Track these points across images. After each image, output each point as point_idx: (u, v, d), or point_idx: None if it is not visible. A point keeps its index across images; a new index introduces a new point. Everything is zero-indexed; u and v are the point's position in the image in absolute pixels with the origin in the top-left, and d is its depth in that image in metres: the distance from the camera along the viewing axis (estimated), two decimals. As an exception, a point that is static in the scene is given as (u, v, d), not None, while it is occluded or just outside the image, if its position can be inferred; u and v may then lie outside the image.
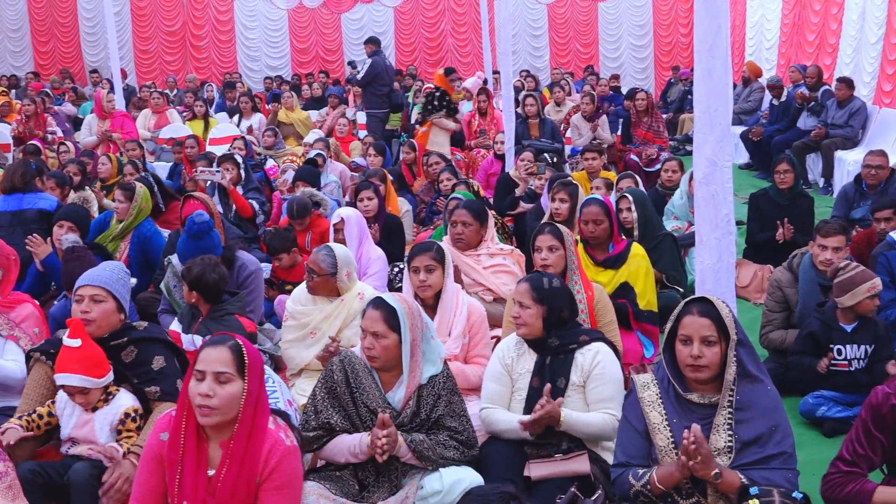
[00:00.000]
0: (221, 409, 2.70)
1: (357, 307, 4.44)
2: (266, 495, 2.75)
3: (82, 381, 3.30)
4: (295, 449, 2.83)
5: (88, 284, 3.57)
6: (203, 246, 4.86)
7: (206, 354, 2.75)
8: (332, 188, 7.92)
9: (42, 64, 18.93)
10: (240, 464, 2.73)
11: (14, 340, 4.04)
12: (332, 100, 12.83)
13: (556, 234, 4.36)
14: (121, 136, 9.99)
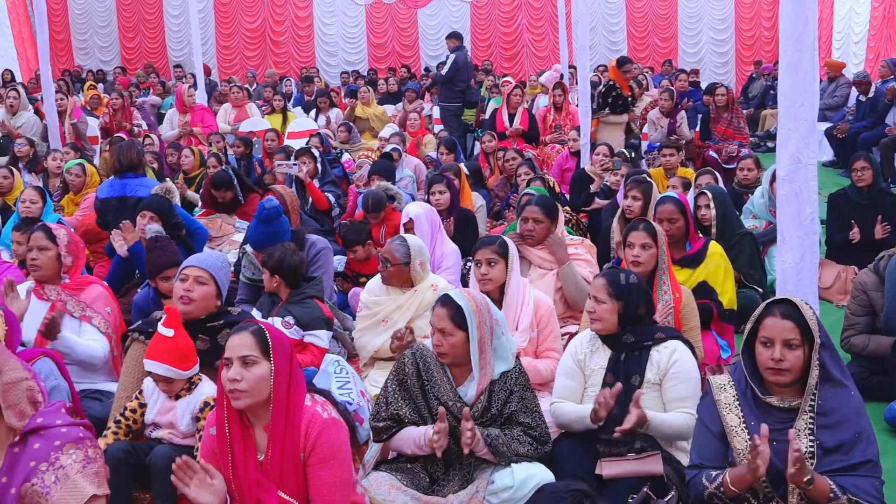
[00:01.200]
0: (251, 390, 2.75)
1: (430, 298, 4.48)
2: (313, 470, 2.79)
3: (167, 371, 3.39)
4: (334, 421, 2.84)
5: (195, 265, 3.69)
6: (273, 230, 4.96)
7: (231, 342, 2.82)
8: (407, 182, 7.97)
9: (128, 59, 19.54)
10: (282, 443, 2.78)
11: (87, 321, 4.20)
12: (409, 94, 12.90)
13: (651, 231, 4.22)
14: (201, 129, 10.24)
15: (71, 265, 4.33)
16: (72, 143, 9.63)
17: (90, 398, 4.07)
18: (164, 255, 4.62)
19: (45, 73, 9.16)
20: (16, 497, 2.44)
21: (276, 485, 2.78)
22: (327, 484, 2.79)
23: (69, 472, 2.47)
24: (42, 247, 4.26)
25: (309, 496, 2.81)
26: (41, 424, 2.53)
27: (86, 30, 19.73)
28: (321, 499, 2.78)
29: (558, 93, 10.55)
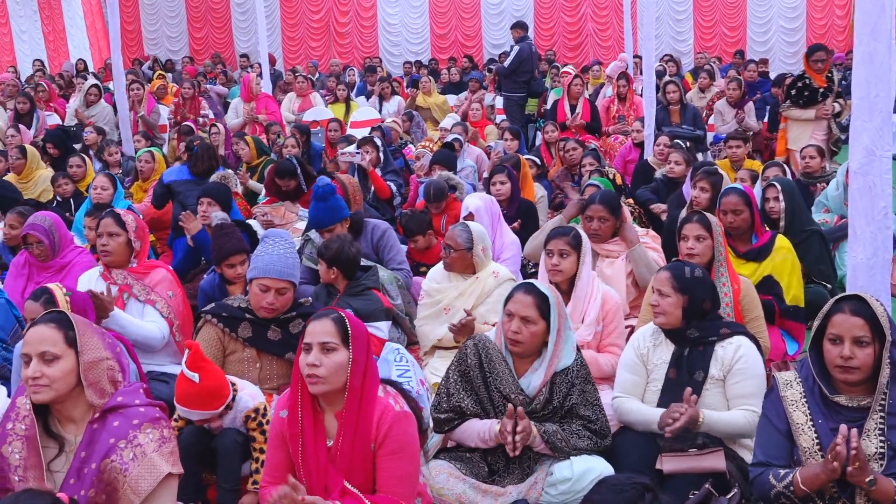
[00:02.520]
0: (328, 377, 2.77)
1: (491, 285, 4.49)
2: (382, 461, 2.81)
3: (200, 416, 3.38)
4: (405, 414, 2.86)
5: (276, 278, 3.74)
6: (330, 206, 5.07)
7: (312, 327, 2.83)
8: (468, 172, 7.97)
9: (196, 49, 19.91)
10: (353, 432, 2.80)
11: (151, 304, 4.30)
12: (473, 84, 12.89)
13: (704, 223, 4.22)
14: (266, 117, 10.38)
15: (139, 250, 4.45)
16: (143, 131, 9.87)
17: (156, 380, 4.16)
18: (230, 243, 4.70)
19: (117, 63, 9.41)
20: (95, 472, 2.52)
21: (344, 473, 2.80)
22: (396, 476, 2.81)
23: (146, 451, 2.55)
24: (112, 233, 4.37)
25: (376, 486, 2.82)
26: (121, 403, 2.61)
27: (155, 20, 20.16)
28: (388, 490, 2.80)
29: (622, 83, 10.42)
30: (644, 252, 4.80)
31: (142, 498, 2.54)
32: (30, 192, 7.96)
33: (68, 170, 7.88)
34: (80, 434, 2.61)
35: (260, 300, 3.73)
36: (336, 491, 2.77)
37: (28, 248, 4.94)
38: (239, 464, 3.45)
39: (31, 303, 3.59)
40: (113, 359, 2.68)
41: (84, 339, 2.63)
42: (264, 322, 3.82)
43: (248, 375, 3.74)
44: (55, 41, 17.70)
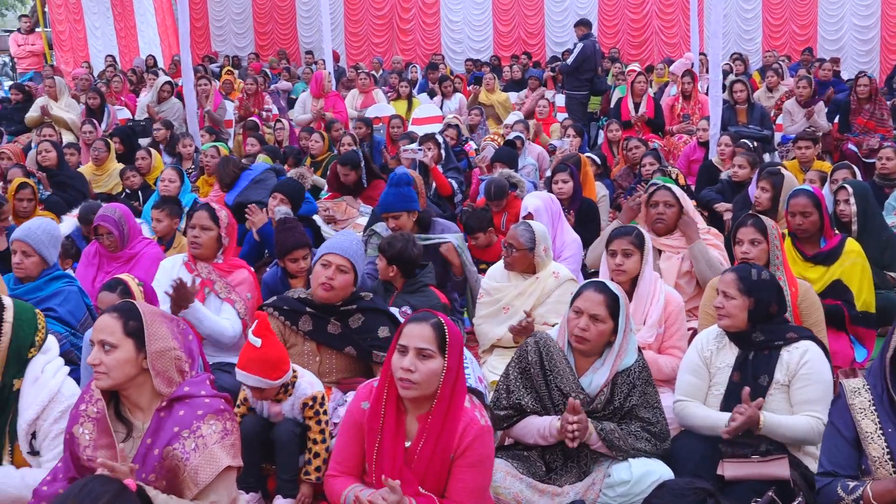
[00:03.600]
0: (422, 384, 2.77)
1: (552, 285, 4.47)
2: (459, 471, 2.81)
3: (258, 383, 3.41)
4: (489, 429, 2.86)
5: (338, 253, 3.78)
6: (402, 192, 5.11)
7: (410, 330, 2.82)
8: (530, 170, 7.94)
9: (261, 45, 20.18)
10: (436, 439, 2.79)
11: (230, 303, 4.34)
12: (532, 82, 12.82)
13: (759, 226, 4.15)
14: (332, 115, 10.48)
15: (226, 246, 4.52)
16: (209, 126, 10.06)
17: (221, 370, 4.23)
18: (293, 237, 4.76)
19: (186, 59, 9.59)
20: (158, 458, 2.59)
21: (420, 476, 2.80)
22: (469, 488, 2.82)
23: (208, 442, 2.60)
24: (205, 226, 4.43)
25: (445, 493, 2.83)
26: (187, 393, 2.67)
27: (222, 17, 20.48)
28: (458, 500, 2.81)
29: (687, 80, 10.26)
30: (705, 249, 4.72)
31: (200, 488, 2.59)
32: (103, 185, 8.22)
33: (135, 162, 8.09)
34: (148, 421, 2.68)
35: (319, 276, 3.76)
36: (409, 492, 2.77)
37: (98, 238, 5.08)
38: (297, 454, 3.50)
39: (106, 293, 3.68)
40: (181, 349, 2.74)
41: (152, 329, 2.69)
42: (324, 315, 3.86)
43: (308, 369, 3.77)
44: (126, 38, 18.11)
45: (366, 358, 3.84)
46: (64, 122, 10.45)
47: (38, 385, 2.98)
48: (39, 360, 3.02)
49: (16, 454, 2.97)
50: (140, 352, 2.67)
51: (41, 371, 3.01)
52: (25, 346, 2.99)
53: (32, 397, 2.96)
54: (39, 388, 2.98)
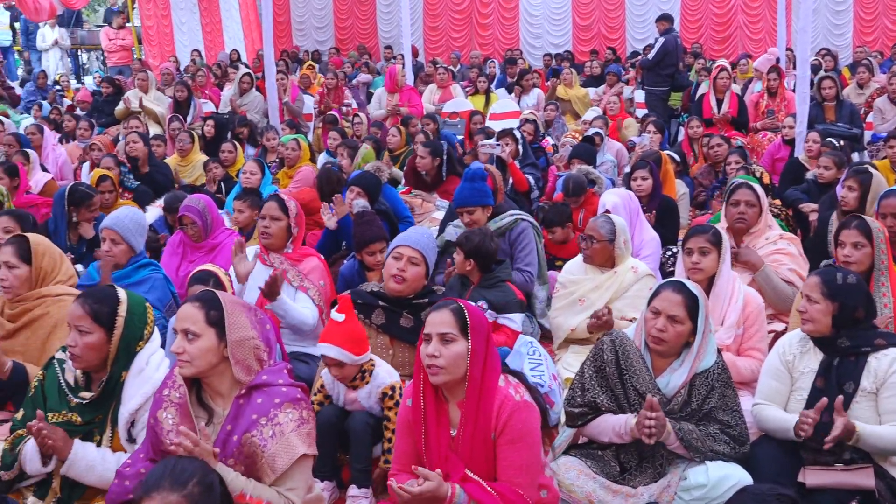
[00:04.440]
0: (448, 367, 2.80)
1: (630, 279, 4.43)
2: (502, 450, 2.82)
3: (339, 354, 3.47)
4: (525, 403, 2.86)
5: (410, 246, 3.82)
6: (477, 187, 5.10)
7: (431, 318, 2.87)
8: (608, 167, 7.85)
9: (341, 39, 20.42)
10: (474, 421, 2.82)
11: (304, 291, 4.43)
12: (611, 77, 12.67)
13: (864, 228, 3.98)
14: (407, 110, 10.54)
15: (296, 236, 4.61)
16: (289, 119, 10.23)
17: (298, 360, 4.31)
18: (370, 231, 4.81)
19: (268, 53, 9.77)
20: (237, 444, 2.65)
21: (466, 461, 2.83)
22: (515, 465, 2.82)
23: (285, 430, 2.65)
24: (275, 216, 4.54)
25: (497, 475, 2.84)
26: (265, 381, 2.73)
27: (304, 11, 20.79)
28: (508, 479, 2.82)
29: (773, 77, 9.98)
30: (770, 275, 4.54)
31: (277, 475, 2.65)
32: (187, 175, 8.45)
33: (220, 154, 8.29)
34: (228, 407, 2.74)
35: (391, 268, 3.81)
36: (457, 478, 2.80)
37: (183, 228, 5.22)
38: (370, 445, 3.54)
39: (198, 286, 3.77)
40: (259, 338, 2.80)
41: (232, 318, 2.75)
42: (397, 309, 3.89)
43: (382, 362, 3.83)
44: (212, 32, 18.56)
45: None
46: (154, 114, 10.78)
47: (142, 377, 3.06)
48: (145, 353, 3.10)
49: (115, 440, 3.07)
50: (221, 341, 2.73)
51: (146, 363, 3.09)
52: (135, 339, 3.07)
53: (136, 388, 3.04)
54: (143, 381, 3.05)
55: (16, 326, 3.82)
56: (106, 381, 3.04)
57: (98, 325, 2.99)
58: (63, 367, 3.14)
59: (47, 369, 3.18)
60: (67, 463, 2.94)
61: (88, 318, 2.98)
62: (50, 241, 4.00)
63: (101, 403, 3.06)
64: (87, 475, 2.97)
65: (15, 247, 3.82)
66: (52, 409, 3.08)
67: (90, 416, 3.06)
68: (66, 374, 3.12)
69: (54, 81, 15.35)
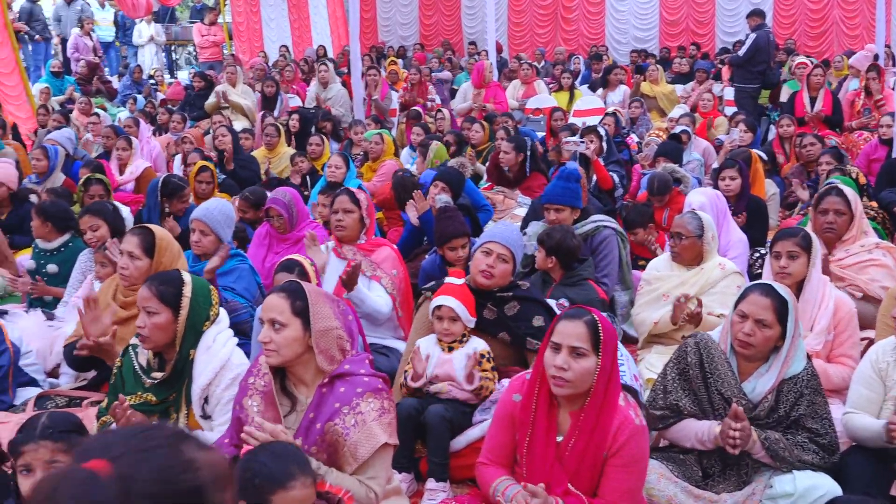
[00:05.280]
0: (575, 382, 2.74)
1: (717, 275, 4.37)
2: (612, 470, 2.76)
3: (458, 307, 3.64)
4: (643, 428, 2.81)
5: (500, 242, 3.85)
6: (569, 187, 5.08)
7: (563, 327, 2.78)
8: (695, 166, 7.69)
9: (426, 35, 20.51)
10: (588, 435, 2.76)
11: (377, 280, 4.49)
12: (700, 74, 12.41)
13: None
14: (493, 106, 10.53)
15: (368, 226, 4.70)
16: (374, 115, 10.34)
17: (378, 353, 4.36)
18: (452, 226, 4.83)
19: (354, 49, 9.90)
20: (320, 432, 2.70)
21: (570, 473, 2.78)
22: (622, 488, 2.77)
23: (367, 419, 2.69)
24: (347, 209, 4.64)
25: (598, 491, 2.79)
26: (348, 371, 2.78)
27: (389, 7, 20.96)
28: (612, 499, 2.76)
29: (872, 75, 9.62)
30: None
31: (359, 463, 2.69)
32: (275, 167, 8.63)
33: (307, 148, 8.44)
34: (311, 396, 2.80)
35: (480, 263, 3.83)
36: (559, 489, 2.75)
37: (269, 220, 5.33)
38: (448, 438, 3.55)
39: (284, 274, 3.86)
40: (343, 328, 2.85)
41: (316, 308, 2.80)
42: (481, 301, 3.90)
43: (464, 352, 3.85)
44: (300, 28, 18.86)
45: (519, 345, 3.85)
46: (240, 107, 11.03)
47: (210, 353, 3.19)
48: (212, 331, 3.24)
49: (190, 417, 3.20)
50: (306, 330, 2.78)
51: (213, 341, 3.22)
52: (201, 319, 3.21)
53: (204, 365, 3.17)
54: (211, 357, 3.18)
55: (128, 315, 3.94)
56: (176, 360, 3.16)
57: (165, 306, 3.12)
58: (136, 352, 3.29)
59: (124, 356, 3.33)
60: None
61: (155, 299, 3.11)
62: (172, 237, 4.07)
63: (173, 382, 3.19)
64: None
65: (140, 238, 3.90)
66: (129, 391, 3.22)
67: (164, 395, 3.18)
68: (139, 357, 3.27)
69: (149, 76, 15.87)
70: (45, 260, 5.23)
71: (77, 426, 2.60)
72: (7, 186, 6.66)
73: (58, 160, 7.58)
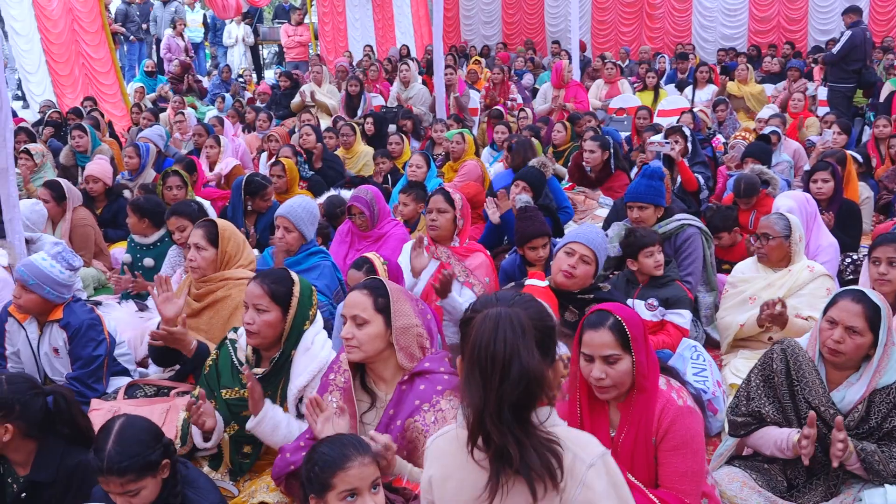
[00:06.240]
0: (617, 385, 2.72)
1: (805, 278, 4.27)
2: (665, 456, 2.73)
3: None
4: (689, 409, 2.74)
5: (583, 243, 3.82)
6: (653, 185, 5.02)
7: (590, 338, 2.74)
8: (784, 168, 7.48)
9: (509, 34, 20.47)
10: (636, 426, 2.74)
11: (469, 287, 4.47)
12: (793, 73, 12.05)
13: None
14: (574, 105, 10.44)
15: (461, 228, 4.70)
16: (454, 114, 10.37)
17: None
18: (533, 226, 4.80)
19: (437, 48, 9.94)
20: (400, 429, 2.73)
21: (628, 466, 2.76)
22: (679, 472, 2.72)
23: (447, 416, 2.71)
24: (441, 209, 4.66)
25: (658, 481, 2.77)
26: (427, 368, 2.80)
27: (472, 6, 20.98)
28: (671, 486, 2.73)
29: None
30: None
31: None
32: (352, 166, 8.74)
33: (388, 146, 8.52)
34: (391, 392, 2.82)
35: (561, 263, 3.81)
36: None
37: (351, 217, 5.40)
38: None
39: (353, 271, 3.92)
40: (422, 326, 2.86)
41: (397, 306, 2.83)
42: (562, 302, 3.87)
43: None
44: (384, 28, 19.06)
45: None
46: (326, 107, 11.21)
47: (309, 355, 3.21)
48: (310, 332, 3.26)
49: (284, 416, 3.23)
50: (388, 327, 2.81)
51: (311, 342, 3.24)
52: (304, 319, 3.23)
53: (303, 366, 3.20)
54: (310, 358, 3.20)
55: (201, 306, 4.08)
56: (278, 357, 3.20)
57: (275, 304, 3.16)
58: (235, 347, 3.33)
59: (220, 349, 3.38)
60: (257, 419, 3.08)
61: (267, 297, 3.15)
62: (234, 227, 4.24)
63: (271, 380, 3.22)
64: (272, 434, 3.11)
65: (204, 230, 4.08)
66: (226, 385, 3.27)
67: (261, 392, 3.22)
68: (237, 353, 3.31)
69: (238, 75, 16.26)
70: (140, 254, 5.41)
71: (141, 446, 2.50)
72: (103, 182, 6.92)
73: (149, 157, 7.82)
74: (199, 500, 2.60)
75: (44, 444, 2.86)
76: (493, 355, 1.87)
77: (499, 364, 1.87)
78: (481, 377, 1.88)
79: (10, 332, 4.09)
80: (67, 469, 2.82)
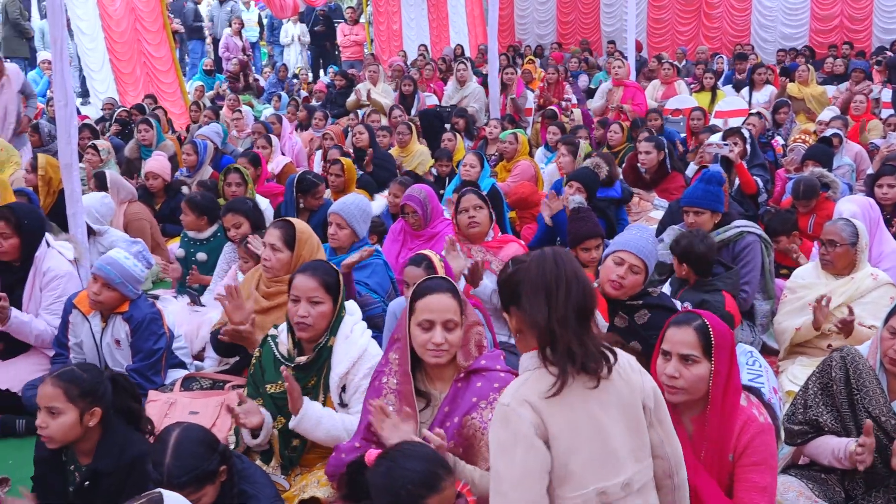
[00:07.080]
0: (688, 389, 2.69)
1: (868, 286, 4.18)
2: (744, 472, 2.69)
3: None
4: (769, 427, 2.71)
5: (634, 253, 3.78)
6: (710, 190, 4.95)
7: (672, 334, 2.73)
8: (845, 171, 7.30)
9: (563, 34, 20.34)
10: (713, 441, 2.69)
11: None
12: (857, 74, 11.77)
13: None
14: (631, 107, 10.34)
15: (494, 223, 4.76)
16: (509, 115, 10.35)
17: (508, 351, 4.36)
18: (585, 227, 4.79)
19: (492, 48, 9.93)
20: (457, 426, 2.73)
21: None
22: (758, 487, 2.68)
23: None
24: (477, 205, 4.77)
25: (734, 497, 2.71)
26: (484, 366, 2.80)
27: (527, 6, 20.89)
28: (748, 500, 2.68)
29: None
30: None
31: None
32: (407, 164, 8.78)
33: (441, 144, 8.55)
34: (445, 391, 2.83)
35: (610, 272, 3.77)
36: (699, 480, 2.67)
37: (405, 216, 5.42)
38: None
39: (412, 268, 3.92)
40: (482, 324, 2.88)
41: (465, 306, 2.87)
42: (611, 308, 3.84)
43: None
44: (438, 27, 19.11)
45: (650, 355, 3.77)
46: (381, 106, 11.28)
47: (349, 342, 3.29)
48: (348, 321, 3.35)
49: (327, 405, 3.29)
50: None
51: (350, 331, 3.33)
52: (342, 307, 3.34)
53: (344, 353, 3.27)
54: (350, 346, 3.28)
55: (270, 305, 4.10)
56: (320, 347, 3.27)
57: (328, 295, 3.25)
58: (276, 342, 3.39)
59: (263, 346, 3.45)
60: (298, 417, 3.14)
61: (321, 289, 3.23)
62: (311, 230, 4.21)
63: (313, 368, 3.29)
64: (315, 430, 3.16)
65: (282, 231, 4.06)
66: (270, 380, 3.34)
67: (304, 382, 3.27)
68: (279, 347, 3.37)
69: (294, 74, 16.44)
70: (194, 249, 5.52)
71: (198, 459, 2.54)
72: (162, 178, 7.06)
73: (206, 155, 7.95)
74: (256, 494, 2.65)
75: (106, 432, 2.94)
76: (556, 276, 2.15)
77: (563, 280, 2.15)
78: (546, 297, 2.15)
79: (74, 323, 4.21)
80: (127, 459, 2.89)
